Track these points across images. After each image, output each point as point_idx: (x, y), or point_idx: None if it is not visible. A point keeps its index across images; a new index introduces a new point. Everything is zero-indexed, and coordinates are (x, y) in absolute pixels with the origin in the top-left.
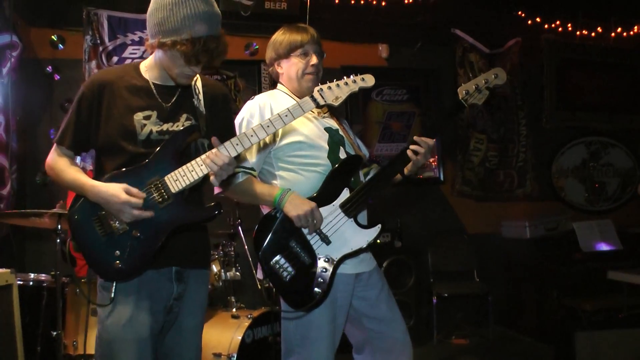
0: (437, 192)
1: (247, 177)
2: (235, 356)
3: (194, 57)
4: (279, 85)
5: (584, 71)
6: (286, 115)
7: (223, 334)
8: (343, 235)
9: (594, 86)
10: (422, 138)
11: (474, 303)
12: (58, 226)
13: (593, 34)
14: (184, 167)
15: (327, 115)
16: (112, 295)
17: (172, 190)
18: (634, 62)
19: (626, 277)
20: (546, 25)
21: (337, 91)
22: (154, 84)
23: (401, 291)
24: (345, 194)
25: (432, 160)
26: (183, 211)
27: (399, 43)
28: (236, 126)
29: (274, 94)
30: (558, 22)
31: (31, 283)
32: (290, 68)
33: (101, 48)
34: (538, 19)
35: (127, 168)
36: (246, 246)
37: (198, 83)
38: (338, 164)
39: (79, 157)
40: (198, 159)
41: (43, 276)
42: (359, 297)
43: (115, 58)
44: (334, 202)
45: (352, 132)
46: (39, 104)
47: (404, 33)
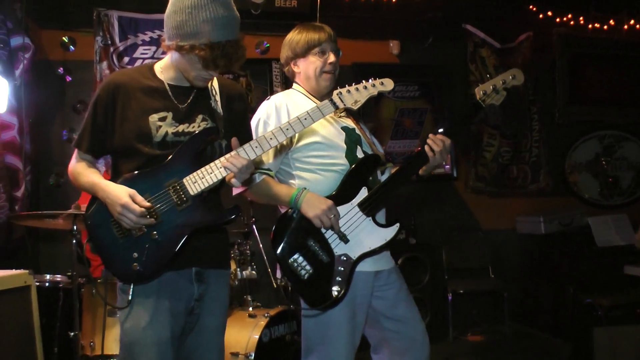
0: (451, 189)
1: (264, 178)
2: (253, 355)
3: (213, 62)
4: (295, 85)
5: (597, 65)
6: (305, 118)
7: (240, 333)
8: (361, 233)
9: (607, 80)
10: (438, 136)
11: (490, 299)
12: (74, 227)
13: (605, 27)
14: (203, 169)
15: (344, 114)
16: (130, 297)
17: (191, 192)
18: None
19: None
20: (558, 19)
21: (357, 95)
22: (169, 85)
23: (416, 288)
24: (363, 193)
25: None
26: (201, 214)
27: (410, 39)
28: (252, 127)
29: (290, 94)
30: (570, 16)
31: (47, 284)
32: (308, 67)
33: (112, 49)
34: (549, 13)
35: (145, 170)
36: (261, 245)
37: (214, 83)
38: (356, 163)
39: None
40: (217, 161)
41: (59, 277)
42: (378, 297)
43: (126, 58)
44: (352, 201)
45: (368, 131)
46: (51, 106)
47: (415, 29)
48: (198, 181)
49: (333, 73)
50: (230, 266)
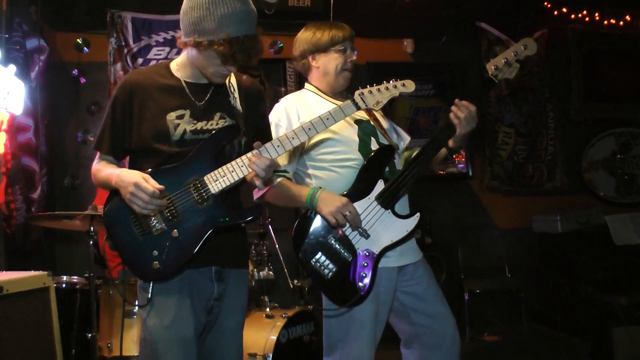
0: (466, 188)
1: (281, 180)
2: (270, 356)
3: (231, 57)
4: (307, 84)
5: (612, 61)
6: (327, 118)
7: (258, 334)
8: (381, 227)
9: (623, 76)
10: (463, 102)
11: (506, 299)
12: (91, 228)
13: (621, 23)
14: (224, 168)
15: None
16: (149, 295)
17: (212, 190)
18: None
19: None
20: (572, 15)
21: (379, 96)
22: (186, 83)
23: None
24: (380, 186)
25: (460, 155)
26: (222, 212)
27: (424, 38)
28: None
29: (302, 96)
30: (585, 12)
31: (64, 285)
32: (329, 62)
33: (126, 50)
34: (564, 10)
35: (166, 166)
36: (277, 245)
37: (232, 81)
38: (370, 157)
39: None
40: (239, 160)
41: (75, 278)
42: (405, 292)
43: (140, 60)
44: (369, 195)
45: (387, 119)
46: (66, 108)
47: (429, 27)
48: (219, 179)
49: (350, 72)
50: (248, 265)
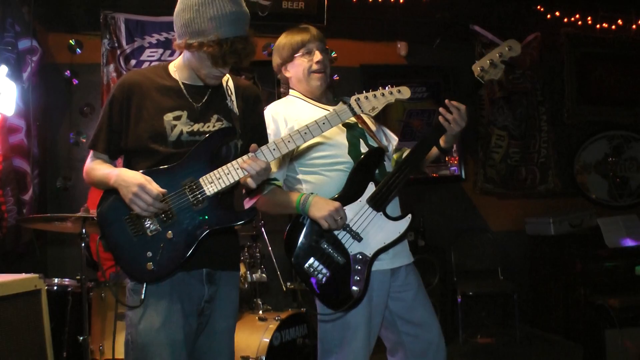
0: (459, 190)
1: (272, 188)
2: (264, 359)
3: (221, 59)
4: (291, 90)
5: (605, 65)
6: (324, 123)
7: (251, 337)
8: (374, 230)
9: (615, 80)
10: (453, 102)
11: (499, 302)
12: (82, 230)
13: (613, 27)
14: (220, 170)
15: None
16: (142, 297)
17: (207, 192)
18: None
19: None
20: (565, 19)
21: (374, 101)
22: (184, 84)
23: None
24: (371, 189)
25: (453, 158)
26: (217, 214)
27: (418, 40)
28: None
29: (288, 101)
30: (577, 16)
31: (56, 288)
32: (296, 70)
33: (119, 51)
34: (557, 13)
35: (161, 167)
36: (270, 248)
37: (230, 84)
38: (359, 160)
39: None
40: (234, 162)
41: (67, 281)
42: (395, 298)
43: (133, 61)
44: (360, 198)
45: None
46: (58, 109)
47: (423, 30)
48: (214, 181)
49: (323, 72)
50: (239, 268)
